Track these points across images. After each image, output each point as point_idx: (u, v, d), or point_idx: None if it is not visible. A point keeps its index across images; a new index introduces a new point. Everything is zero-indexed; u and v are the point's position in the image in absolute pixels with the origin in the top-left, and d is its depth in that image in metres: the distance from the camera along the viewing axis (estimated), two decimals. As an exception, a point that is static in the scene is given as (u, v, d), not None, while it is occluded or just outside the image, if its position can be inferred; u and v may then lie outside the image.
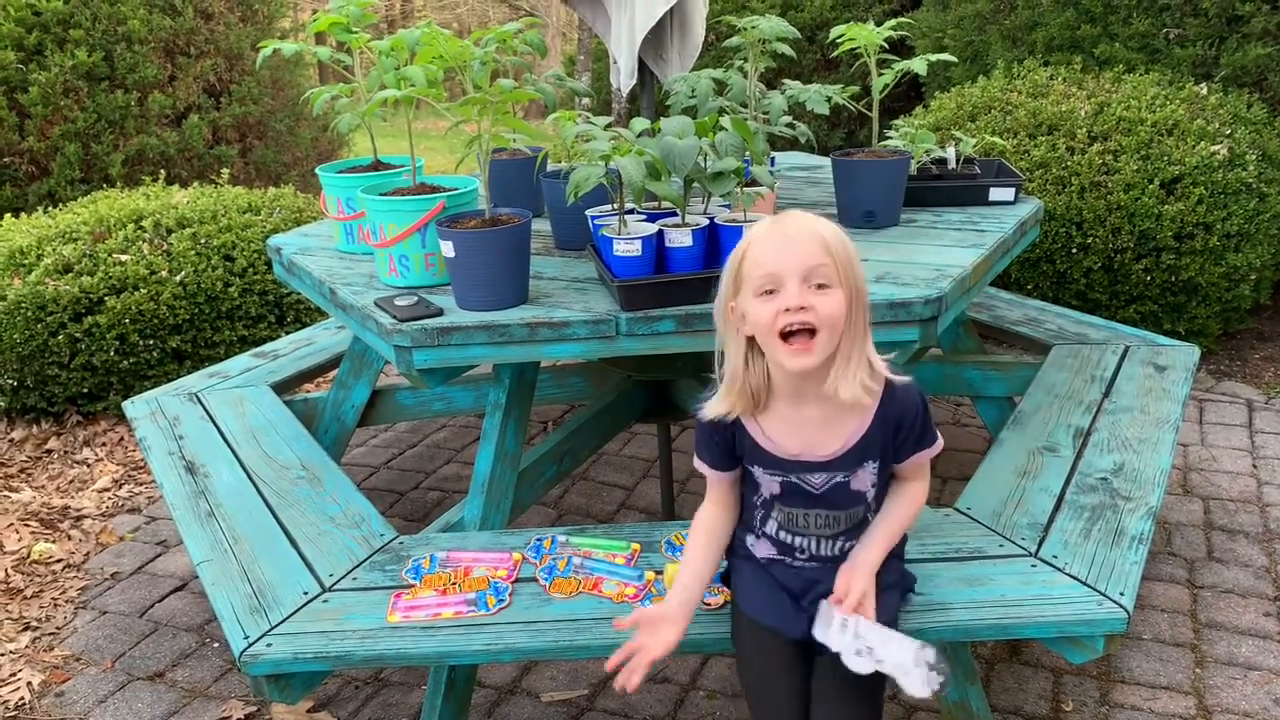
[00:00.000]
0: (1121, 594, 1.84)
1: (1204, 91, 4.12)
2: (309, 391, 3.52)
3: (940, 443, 1.69)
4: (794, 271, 1.47)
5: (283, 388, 3.04)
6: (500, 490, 2.31)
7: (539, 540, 2.07)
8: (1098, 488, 2.20)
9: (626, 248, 1.99)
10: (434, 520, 2.50)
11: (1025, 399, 2.62)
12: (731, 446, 1.66)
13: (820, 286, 1.48)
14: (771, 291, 1.48)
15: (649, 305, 2.03)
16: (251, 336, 4.06)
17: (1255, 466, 3.32)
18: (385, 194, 2.35)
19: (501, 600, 1.90)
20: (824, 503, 1.64)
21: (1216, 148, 3.79)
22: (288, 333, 4.13)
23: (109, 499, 3.53)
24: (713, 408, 1.62)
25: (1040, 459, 2.31)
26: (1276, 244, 3.97)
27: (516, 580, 1.96)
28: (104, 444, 3.90)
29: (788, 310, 1.46)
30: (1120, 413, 2.54)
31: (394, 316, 2.08)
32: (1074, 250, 3.91)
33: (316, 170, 2.67)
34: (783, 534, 1.71)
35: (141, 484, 3.63)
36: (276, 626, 1.87)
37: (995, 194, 2.76)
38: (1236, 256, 3.82)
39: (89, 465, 3.75)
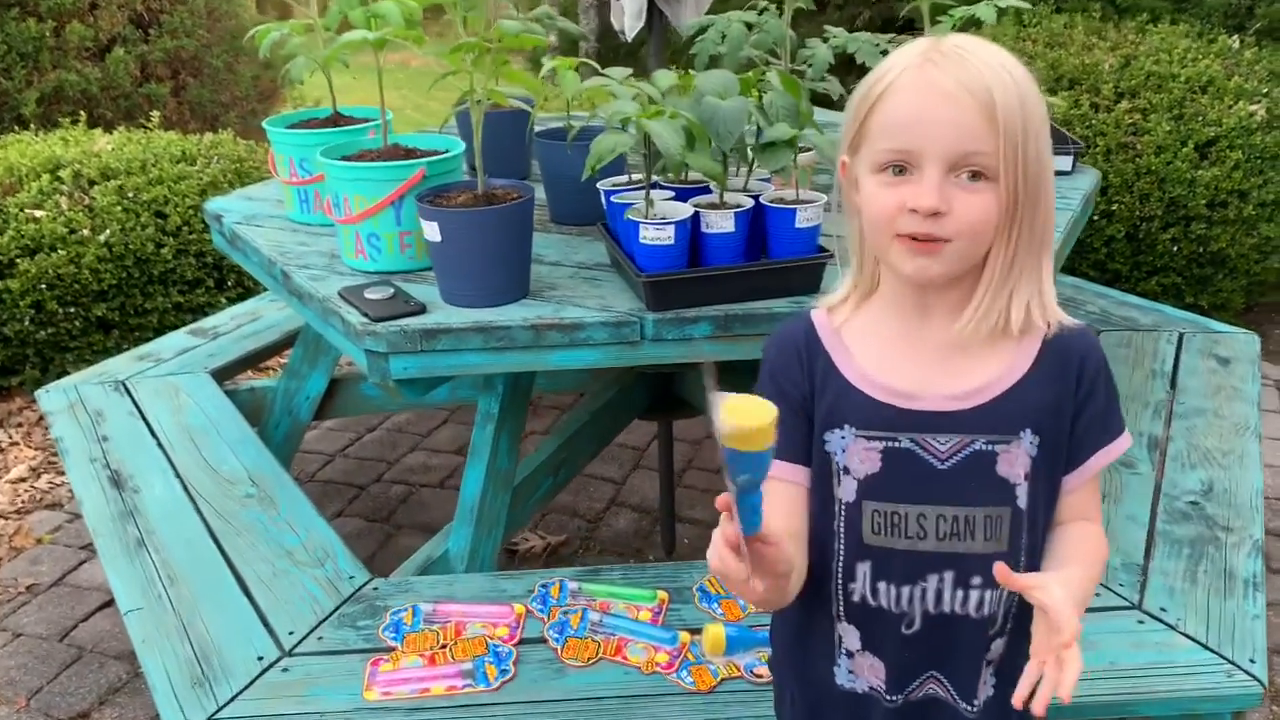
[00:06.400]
0: (1251, 660, 1.54)
1: (1236, 45, 3.80)
2: (255, 378, 3.11)
3: (1128, 436, 1.14)
4: (937, 154, 0.99)
5: (224, 374, 2.63)
6: (492, 516, 1.95)
7: (545, 587, 1.72)
8: (1190, 515, 1.90)
9: (657, 234, 1.62)
10: (404, 520, 2.12)
11: (1085, 399, 2.31)
12: (809, 400, 1.12)
13: (974, 176, 1.00)
14: (901, 170, 1.02)
15: (682, 304, 1.66)
16: (188, 304, 3.61)
17: (1298, 459, 3.07)
18: (349, 157, 1.95)
19: (504, 670, 1.55)
20: (950, 489, 1.08)
21: (1255, 108, 3.48)
22: (229, 299, 3.69)
23: (24, 492, 3.10)
24: (832, 298, 1.17)
25: (1118, 477, 2.01)
26: (1309, 213, 3.69)
27: (520, 641, 1.61)
28: (19, 424, 3.45)
29: (914, 212, 1.00)
30: (1194, 416, 2.24)
31: (365, 314, 1.69)
32: (1095, 217, 3.60)
33: (264, 125, 2.24)
34: (880, 584, 1.11)
35: (64, 473, 3.20)
36: (225, 706, 1.51)
37: (1051, 162, 2.41)
38: (1269, 227, 3.55)
39: (1, 451, 3.31)
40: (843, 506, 1.11)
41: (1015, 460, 1.08)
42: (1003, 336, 1.07)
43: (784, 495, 1.11)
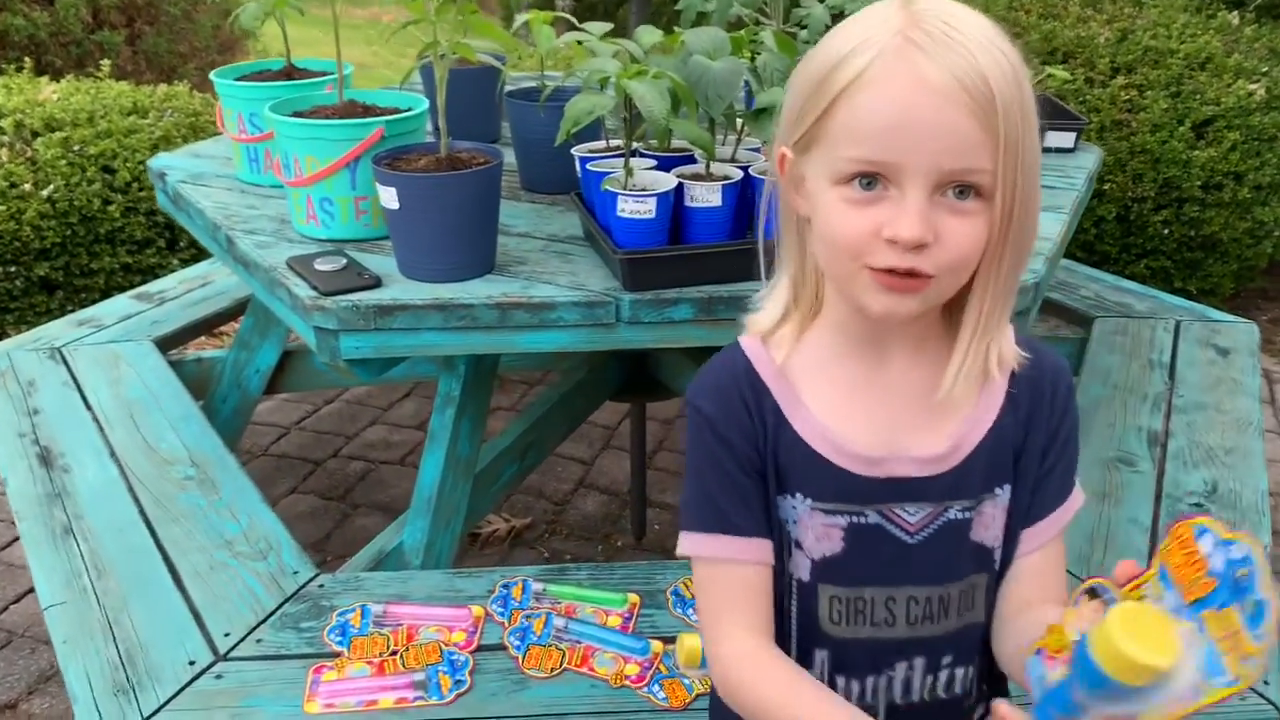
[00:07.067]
0: (1265, 682, 1.44)
1: (1235, 21, 3.69)
2: (208, 346, 2.94)
3: (1080, 493, 0.95)
4: (923, 170, 0.77)
5: (170, 343, 2.45)
6: (451, 506, 1.81)
7: (506, 587, 1.58)
8: (1194, 518, 1.79)
9: (636, 207, 1.47)
10: (362, 499, 1.98)
11: (1081, 390, 2.19)
12: (762, 454, 0.90)
13: (964, 192, 0.79)
14: (871, 183, 0.79)
15: (662, 284, 1.52)
16: (137, 265, 3.42)
17: (1288, 452, 2.98)
18: (302, 113, 1.79)
19: (459, 681, 1.41)
20: (923, 566, 0.91)
21: (1254, 87, 3.37)
22: (180, 260, 3.50)
23: (-42, 462, 2.92)
24: (763, 321, 0.93)
25: (1117, 475, 1.90)
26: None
27: (478, 649, 1.48)
28: (-45, 389, 3.26)
29: (892, 243, 0.79)
30: (1194, 411, 2.13)
31: (315, 287, 1.54)
32: (1086, 196, 3.49)
33: (211, 76, 2.06)
34: (839, 677, 0.94)
35: None
36: (150, 718, 1.37)
37: (1052, 139, 2.29)
38: (1264, 211, 3.44)
39: (-65, 417, 3.13)
40: (795, 584, 0.93)
41: (991, 521, 0.92)
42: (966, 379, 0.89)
43: (758, 581, 0.91)
